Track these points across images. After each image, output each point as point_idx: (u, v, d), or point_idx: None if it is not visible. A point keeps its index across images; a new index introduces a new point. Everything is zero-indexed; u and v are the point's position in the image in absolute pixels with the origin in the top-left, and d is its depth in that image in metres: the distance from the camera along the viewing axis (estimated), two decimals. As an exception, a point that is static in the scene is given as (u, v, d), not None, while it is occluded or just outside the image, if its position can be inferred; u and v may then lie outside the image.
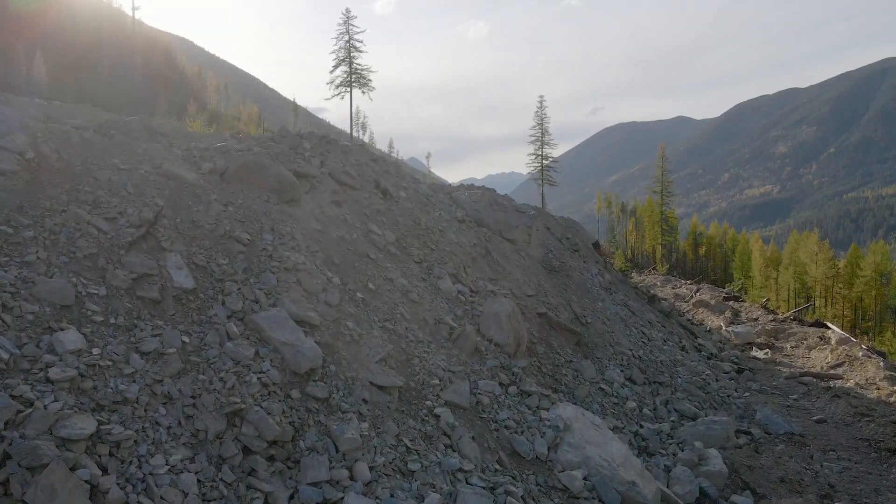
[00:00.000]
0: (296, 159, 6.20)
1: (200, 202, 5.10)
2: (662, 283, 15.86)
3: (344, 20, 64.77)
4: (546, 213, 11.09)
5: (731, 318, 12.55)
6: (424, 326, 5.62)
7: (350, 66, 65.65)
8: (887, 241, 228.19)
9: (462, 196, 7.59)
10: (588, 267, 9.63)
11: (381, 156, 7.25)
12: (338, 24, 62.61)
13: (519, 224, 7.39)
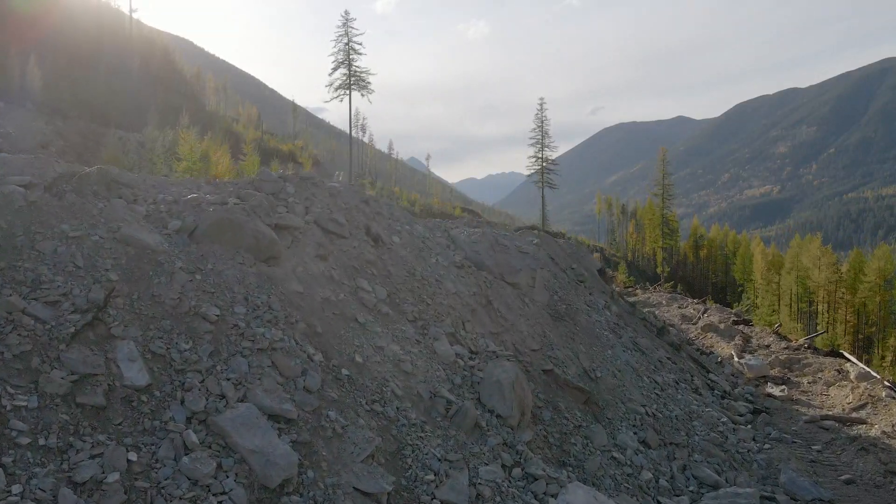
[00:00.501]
0: (277, 208, 5.57)
1: (163, 272, 4.47)
2: (668, 302, 15.26)
3: (343, 22, 63.93)
4: (549, 239, 10.47)
5: (742, 345, 11.96)
6: (418, 403, 5.01)
7: (349, 68, 64.93)
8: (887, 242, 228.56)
9: (461, 236, 6.94)
10: (594, 300, 9.03)
11: (371, 198, 6.59)
12: (337, 27, 61.56)
13: (522, 267, 6.78)
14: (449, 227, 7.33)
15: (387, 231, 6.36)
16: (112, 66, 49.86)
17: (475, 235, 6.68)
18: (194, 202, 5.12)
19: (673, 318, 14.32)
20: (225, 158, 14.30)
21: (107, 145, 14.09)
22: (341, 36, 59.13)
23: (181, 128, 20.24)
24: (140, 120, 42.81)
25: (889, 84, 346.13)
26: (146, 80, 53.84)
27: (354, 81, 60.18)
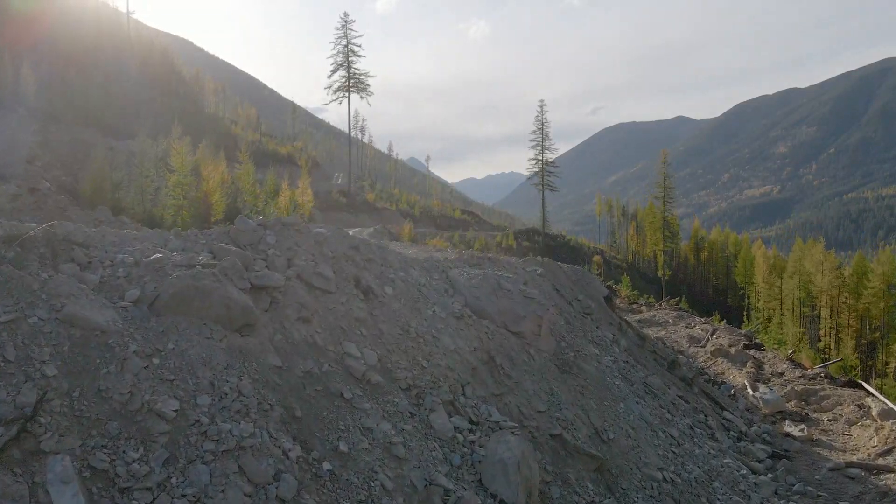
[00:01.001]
0: (255, 263, 4.93)
1: (113, 358, 3.83)
2: (674, 320, 14.65)
3: (342, 24, 63.12)
4: (554, 267, 9.82)
5: (754, 373, 11.36)
6: (412, 496, 4.38)
7: (348, 70, 64.12)
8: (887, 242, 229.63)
9: (461, 279, 6.30)
10: (602, 335, 8.42)
11: (362, 243, 5.94)
12: (335, 29, 60.74)
13: (527, 314, 6.16)
14: (448, 267, 6.67)
15: (379, 281, 5.73)
16: (110, 69, 49.10)
17: (476, 279, 6.04)
18: (157, 265, 4.48)
19: (680, 338, 13.72)
20: (216, 173, 13.66)
21: (94, 158, 13.44)
22: (340, 38, 58.41)
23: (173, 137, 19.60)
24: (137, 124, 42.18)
25: (889, 84, 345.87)
26: (144, 83, 53.15)
27: (353, 84, 59.44)
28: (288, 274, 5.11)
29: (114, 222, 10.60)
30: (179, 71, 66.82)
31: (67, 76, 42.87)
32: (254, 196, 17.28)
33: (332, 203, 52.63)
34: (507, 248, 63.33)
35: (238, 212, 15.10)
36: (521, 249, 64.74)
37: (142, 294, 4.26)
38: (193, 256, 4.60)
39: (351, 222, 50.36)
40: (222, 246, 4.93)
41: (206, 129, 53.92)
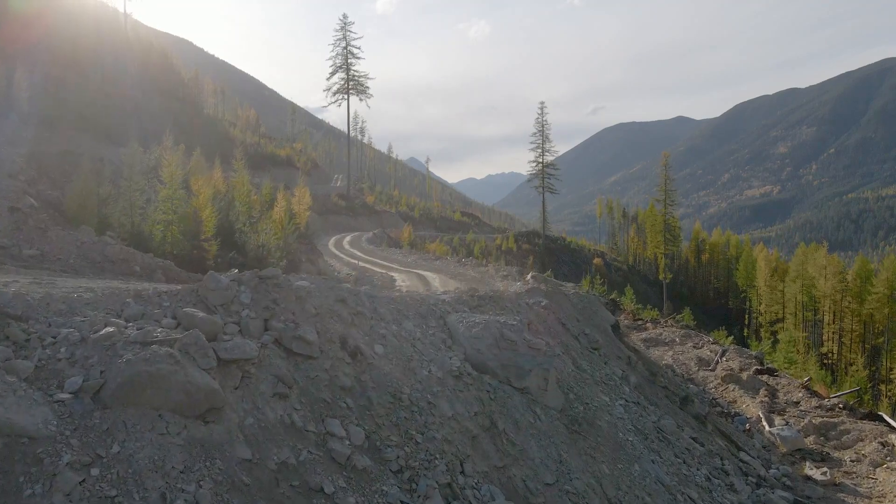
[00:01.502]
0: (226, 329, 4.30)
1: (41, 474, 3.15)
2: (682, 339, 14.03)
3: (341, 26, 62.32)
4: (559, 295, 9.16)
5: (768, 402, 10.75)
6: None
7: (347, 73, 63.35)
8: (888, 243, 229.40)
9: (460, 327, 5.65)
10: (611, 372, 7.78)
11: (350, 294, 5.25)
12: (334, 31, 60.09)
13: (533, 367, 5.54)
14: (446, 311, 6.00)
15: (368, 338, 5.08)
16: (108, 71, 48.34)
17: (477, 329, 5.40)
18: (107, 342, 3.83)
19: (689, 360, 13.10)
20: (208, 187, 13.01)
21: (80, 172, 12.79)
22: (339, 40, 57.74)
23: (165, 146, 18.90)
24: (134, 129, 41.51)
25: (889, 84, 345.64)
26: (143, 85, 52.40)
27: (353, 86, 58.78)
28: (264, 340, 4.48)
29: (96, 243, 9.93)
30: (179, 72, 66.11)
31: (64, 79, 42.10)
32: (248, 207, 16.61)
33: (332, 207, 51.98)
34: (507, 250, 62.72)
35: (231, 227, 14.40)
36: (521, 252, 64.12)
37: (85, 382, 3.60)
38: (150, 332, 3.94)
39: (350, 225, 49.71)
40: (188, 311, 4.28)
41: (205, 131, 53.25)
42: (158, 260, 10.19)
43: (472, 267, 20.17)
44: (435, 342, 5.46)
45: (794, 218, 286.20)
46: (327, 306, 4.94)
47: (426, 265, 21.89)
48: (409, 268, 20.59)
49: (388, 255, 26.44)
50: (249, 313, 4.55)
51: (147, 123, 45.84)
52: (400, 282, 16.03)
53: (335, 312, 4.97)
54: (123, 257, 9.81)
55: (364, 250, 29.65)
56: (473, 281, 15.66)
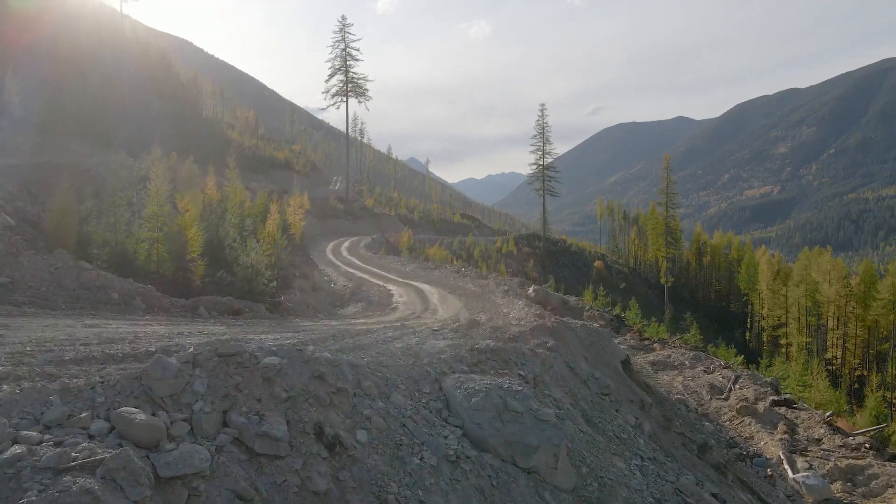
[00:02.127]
0: (171, 432, 3.32)
1: None
2: (691, 363, 13.46)
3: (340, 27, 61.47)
4: (566, 332, 8.45)
5: (788, 440, 10.15)
6: None
7: (346, 75, 62.53)
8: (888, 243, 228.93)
9: (457, 395, 4.95)
10: (624, 423, 7.15)
11: (330, 367, 4.43)
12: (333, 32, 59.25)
13: (540, 442, 4.90)
14: (442, 372, 5.26)
15: (350, 422, 4.30)
16: (105, 73, 47.65)
17: (477, 398, 4.75)
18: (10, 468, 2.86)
19: (700, 387, 12.52)
20: (193, 206, 12.40)
21: (59, 187, 12.15)
22: (338, 42, 57.02)
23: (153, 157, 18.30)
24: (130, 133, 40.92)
25: (889, 84, 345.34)
26: (140, 87, 51.76)
27: (351, 88, 58.09)
28: (220, 440, 3.62)
29: (72, 268, 9.29)
30: (177, 73, 65.53)
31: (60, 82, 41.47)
32: (241, 218, 15.97)
33: (330, 210, 51.32)
34: (507, 253, 62.13)
35: (221, 243, 13.77)
36: (522, 255, 63.57)
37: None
38: (66, 453, 3.01)
39: (349, 229, 49.10)
40: (124, 413, 3.31)
41: (202, 134, 52.67)
42: (138, 285, 9.59)
43: (472, 279, 19.56)
44: (429, 417, 4.67)
45: (795, 218, 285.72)
46: (301, 386, 4.12)
47: (425, 275, 21.30)
48: (407, 279, 20.02)
49: (385, 264, 25.84)
50: (204, 406, 3.66)
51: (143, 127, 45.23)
52: (397, 297, 15.44)
53: (311, 393, 4.15)
54: (100, 284, 9.21)
55: (362, 257, 29.02)
56: (473, 296, 15.08)
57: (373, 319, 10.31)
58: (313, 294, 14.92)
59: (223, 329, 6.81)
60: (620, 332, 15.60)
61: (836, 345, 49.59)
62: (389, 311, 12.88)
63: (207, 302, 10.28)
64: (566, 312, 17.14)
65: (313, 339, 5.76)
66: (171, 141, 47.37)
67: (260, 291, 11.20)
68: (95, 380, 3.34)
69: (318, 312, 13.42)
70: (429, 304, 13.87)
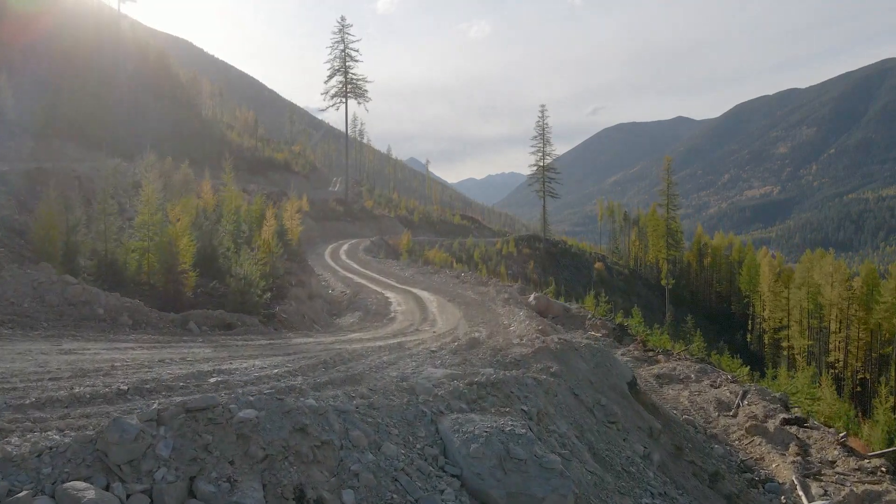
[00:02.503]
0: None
1: None
2: (697, 376, 13.09)
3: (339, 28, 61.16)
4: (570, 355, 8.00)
5: (801, 462, 9.76)
6: None
7: (345, 76, 62.20)
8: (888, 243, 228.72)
9: (455, 439, 4.43)
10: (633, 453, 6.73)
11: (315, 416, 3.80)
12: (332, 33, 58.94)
13: (546, 493, 4.51)
14: (439, 411, 4.70)
15: (336, 480, 3.69)
16: (103, 75, 47.15)
17: (477, 444, 4.32)
18: None
19: (707, 402, 12.15)
20: (186, 216, 12.05)
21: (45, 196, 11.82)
22: (337, 43, 56.57)
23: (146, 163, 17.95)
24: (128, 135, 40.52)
25: (889, 84, 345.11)
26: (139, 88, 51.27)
27: (351, 89, 57.66)
28: None
29: (56, 283, 8.93)
30: (176, 74, 65.14)
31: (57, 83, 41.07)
32: (236, 225, 15.61)
33: (329, 212, 50.96)
34: (507, 255, 61.76)
35: (214, 252, 13.41)
36: (522, 256, 63.20)
37: None
38: None
39: (348, 231, 48.72)
40: (70, 490, 2.79)
41: (200, 135, 52.26)
42: (126, 300, 9.22)
43: (471, 286, 19.21)
44: (424, 467, 4.13)
45: (795, 218, 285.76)
46: (281, 442, 3.55)
47: (424, 281, 20.98)
48: (406, 284, 19.71)
49: (384, 269, 25.50)
50: (167, 474, 3.08)
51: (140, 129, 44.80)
52: (395, 305, 15.09)
53: (291, 449, 3.56)
54: (85, 299, 8.84)
55: (361, 262, 28.69)
56: (473, 305, 14.73)
57: (369, 334, 9.95)
58: (310, 303, 14.56)
59: (209, 352, 6.45)
60: (623, 342, 15.23)
61: (839, 348, 49.21)
62: (387, 322, 12.53)
63: (198, 316, 9.92)
64: (568, 321, 16.77)
65: (303, 369, 5.40)
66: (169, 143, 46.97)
67: (253, 303, 10.84)
68: (43, 446, 2.95)
69: (314, 323, 13.06)
70: (427, 313, 13.52)
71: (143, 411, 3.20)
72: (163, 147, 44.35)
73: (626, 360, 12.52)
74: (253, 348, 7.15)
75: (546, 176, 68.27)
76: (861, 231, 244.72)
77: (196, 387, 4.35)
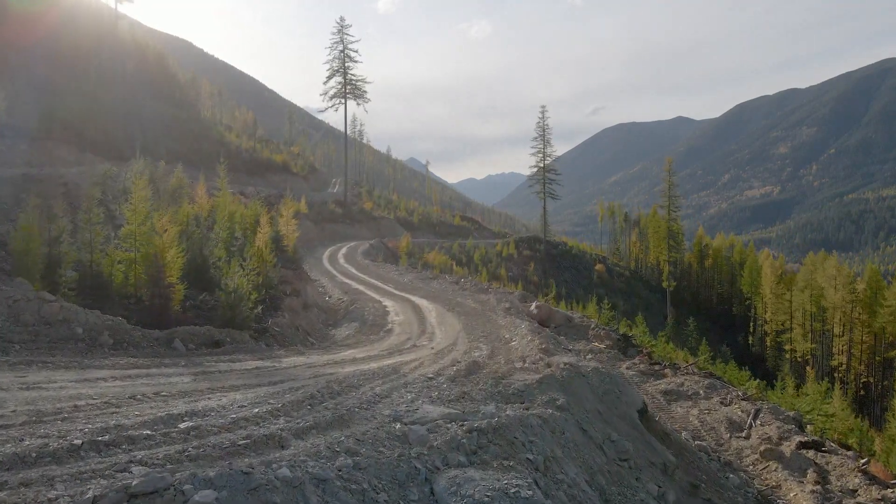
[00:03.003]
0: None
1: None
2: (706, 392, 12.58)
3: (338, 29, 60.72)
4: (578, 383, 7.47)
5: (820, 491, 9.24)
6: None
7: (344, 76, 61.72)
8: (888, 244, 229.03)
9: None
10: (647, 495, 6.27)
11: (285, 493, 2.94)
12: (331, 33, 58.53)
13: None
14: (435, 467, 3.98)
15: None
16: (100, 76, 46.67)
17: None
18: None
19: (717, 422, 11.64)
20: (173, 226, 11.58)
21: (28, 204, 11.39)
22: (336, 43, 55.98)
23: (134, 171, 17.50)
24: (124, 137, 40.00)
25: (889, 84, 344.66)
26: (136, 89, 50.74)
27: (350, 90, 57.07)
28: None
29: (32, 301, 8.46)
30: (175, 74, 64.67)
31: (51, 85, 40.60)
32: (230, 232, 15.17)
33: (328, 215, 50.51)
34: (507, 257, 61.34)
35: (204, 262, 12.96)
36: (522, 258, 62.72)
37: None
38: None
39: (347, 234, 48.21)
40: None
41: (198, 137, 51.75)
42: (107, 318, 8.74)
43: (471, 293, 18.73)
44: None
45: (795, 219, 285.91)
46: None
47: (423, 287, 20.54)
48: (404, 291, 19.28)
49: (383, 273, 25.04)
50: None
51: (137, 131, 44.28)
52: (393, 315, 14.63)
53: None
54: (63, 318, 8.36)
55: (359, 266, 28.22)
56: (473, 315, 14.26)
57: (363, 352, 9.47)
58: (304, 313, 14.08)
59: (188, 382, 5.97)
60: (628, 353, 14.74)
61: (842, 351, 48.72)
62: (384, 335, 12.05)
63: (183, 333, 9.44)
64: (570, 331, 16.30)
65: (286, 407, 4.91)
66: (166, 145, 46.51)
67: (244, 317, 10.36)
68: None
69: (308, 336, 12.58)
70: (426, 325, 13.05)
71: (75, 502, 2.66)
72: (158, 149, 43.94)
73: (632, 375, 12.03)
74: (237, 375, 6.66)
75: (547, 177, 67.87)
76: (861, 231, 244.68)
77: (163, 437, 3.88)
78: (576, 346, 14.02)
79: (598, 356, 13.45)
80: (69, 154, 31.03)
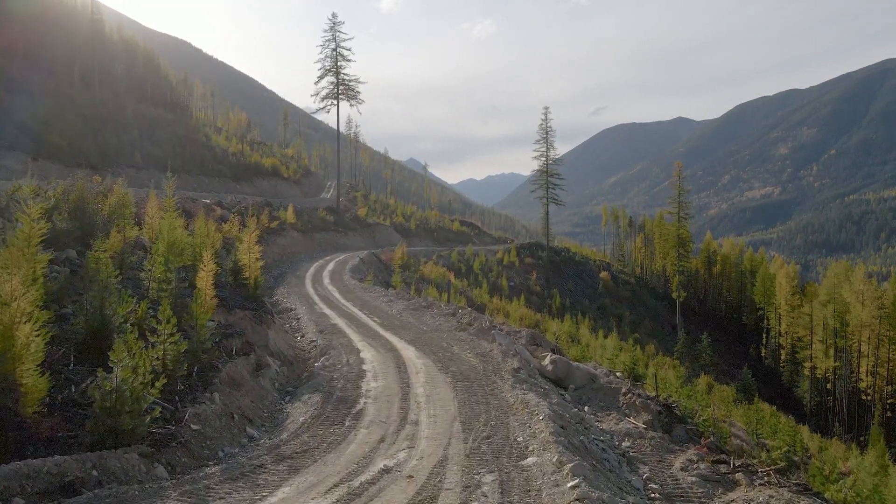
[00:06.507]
0: None
1: None
2: None
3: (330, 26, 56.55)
4: (600, 470, 4.09)
5: None
6: None
7: (337, 76, 57.63)
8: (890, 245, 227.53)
9: None
10: None
11: None
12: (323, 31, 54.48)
13: None
14: None
15: None
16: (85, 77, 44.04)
17: None
18: None
19: None
20: (34, 288, 7.98)
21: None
22: (328, 41, 52.16)
23: (11, 189, 13.87)
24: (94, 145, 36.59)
25: (890, 85, 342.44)
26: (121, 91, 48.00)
27: (343, 91, 53.33)
28: None
29: None
30: (165, 75, 61.29)
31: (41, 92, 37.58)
32: (164, 270, 11.55)
33: (318, 223, 46.88)
34: (509, 265, 57.78)
35: (105, 326, 9.27)
36: (524, 266, 59.23)
37: None
38: None
39: (339, 244, 44.61)
40: None
41: (182, 140, 48.29)
42: None
43: (470, 337, 15.22)
44: None
45: (796, 220, 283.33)
46: None
47: (413, 324, 17.26)
48: (390, 330, 16.00)
49: (370, 300, 21.67)
50: None
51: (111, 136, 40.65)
52: (370, 379, 11.19)
53: None
54: None
55: (344, 287, 24.79)
56: (472, 382, 10.77)
57: (301, 493, 5.89)
58: (251, 383, 10.46)
59: None
60: (673, 433, 11.04)
61: (870, 372, 45.17)
62: (349, 427, 8.51)
63: (17, 476, 5.83)
64: (595, 395, 12.79)
65: None
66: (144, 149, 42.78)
67: (130, 430, 6.78)
68: None
69: (246, 426, 9.00)
70: (409, 402, 9.61)
71: None
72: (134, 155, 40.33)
73: (691, 483, 8.39)
74: None
75: (550, 181, 64.58)
76: (862, 232, 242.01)
77: None
78: (607, 425, 10.59)
79: (636, 443, 9.93)
80: (16, 163, 27.48)
